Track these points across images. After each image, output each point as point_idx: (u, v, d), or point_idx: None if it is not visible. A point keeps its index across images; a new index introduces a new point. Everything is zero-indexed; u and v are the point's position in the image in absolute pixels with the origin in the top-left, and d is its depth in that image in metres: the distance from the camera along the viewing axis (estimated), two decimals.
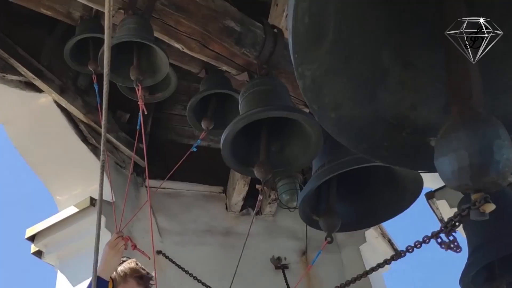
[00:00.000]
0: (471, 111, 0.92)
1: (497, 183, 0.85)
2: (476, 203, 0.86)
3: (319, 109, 1.12)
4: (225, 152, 1.97)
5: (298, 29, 0.93)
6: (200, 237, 4.60)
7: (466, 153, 0.85)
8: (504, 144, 0.85)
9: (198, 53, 2.35)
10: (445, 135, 0.92)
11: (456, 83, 0.99)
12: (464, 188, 0.87)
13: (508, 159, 0.84)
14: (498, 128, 0.87)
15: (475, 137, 0.85)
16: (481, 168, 0.84)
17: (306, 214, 2.01)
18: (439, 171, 0.92)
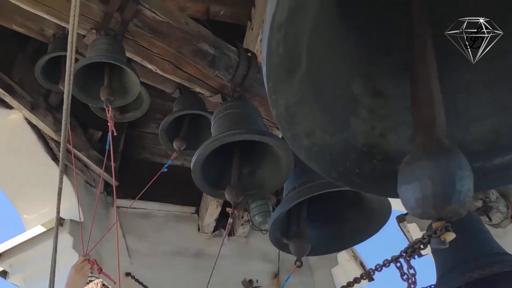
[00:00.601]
0: (435, 141, 0.94)
1: (458, 212, 0.87)
2: (437, 231, 0.87)
3: (292, 137, 1.13)
4: (195, 174, 1.96)
5: (272, 59, 0.94)
6: (171, 258, 4.53)
7: (429, 182, 0.87)
8: (465, 175, 0.87)
9: (171, 75, 2.35)
10: (408, 163, 0.94)
11: (420, 113, 1.01)
12: (426, 216, 0.89)
13: (469, 190, 0.87)
14: (460, 159, 0.89)
15: (438, 167, 0.87)
16: (444, 198, 0.86)
17: (276, 237, 2.01)
18: (402, 198, 0.94)
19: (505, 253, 2.30)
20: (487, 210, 3.45)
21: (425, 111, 1.02)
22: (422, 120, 1.02)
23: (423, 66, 1.09)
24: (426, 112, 1.02)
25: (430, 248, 2.66)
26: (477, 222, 2.52)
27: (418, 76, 1.08)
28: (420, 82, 1.07)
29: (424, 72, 1.08)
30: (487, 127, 1.23)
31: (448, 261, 2.34)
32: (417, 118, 1.04)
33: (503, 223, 3.60)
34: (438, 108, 1.02)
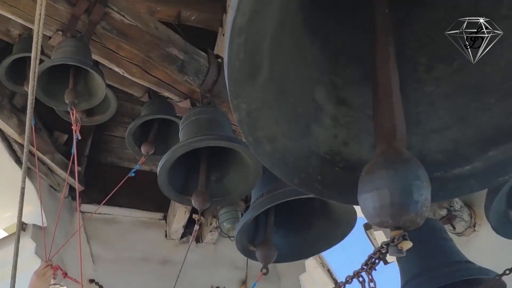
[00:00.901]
0: (394, 151, 0.95)
1: (416, 222, 0.88)
2: (395, 240, 0.88)
3: (254, 142, 1.12)
4: (161, 179, 1.94)
5: (233, 63, 0.94)
6: (136, 265, 4.47)
7: (387, 191, 0.88)
8: (423, 185, 0.89)
9: (139, 79, 2.33)
10: (368, 172, 0.95)
11: (381, 123, 1.03)
12: (384, 225, 0.90)
13: (426, 199, 0.89)
14: (418, 169, 0.90)
15: (396, 177, 0.88)
16: (401, 207, 0.87)
17: (243, 244, 2.00)
18: (362, 207, 0.95)
19: (468, 261, 2.35)
20: (451, 218, 3.52)
21: (386, 122, 1.03)
22: (383, 130, 1.03)
23: (385, 77, 1.11)
24: (386, 122, 1.03)
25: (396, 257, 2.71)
26: (441, 230, 2.56)
27: (380, 87, 1.10)
28: (381, 93, 1.08)
29: (386, 83, 1.09)
30: (447, 138, 1.26)
31: (412, 269, 2.37)
32: (378, 128, 1.05)
33: (467, 231, 3.67)
34: (398, 119, 1.04)
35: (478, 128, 1.23)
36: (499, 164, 1.21)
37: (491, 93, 1.23)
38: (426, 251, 2.37)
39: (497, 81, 1.23)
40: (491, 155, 1.21)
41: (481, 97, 1.25)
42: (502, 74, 1.23)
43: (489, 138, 1.21)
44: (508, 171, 1.21)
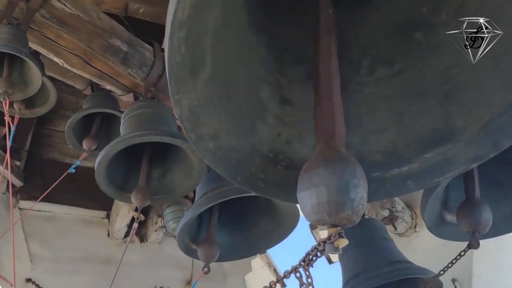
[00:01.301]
0: (333, 150, 0.97)
1: (352, 219, 0.89)
2: (331, 238, 0.89)
3: (196, 138, 1.10)
4: (99, 175, 1.87)
5: (174, 58, 0.91)
6: (77, 265, 4.32)
7: (324, 189, 0.88)
8: (359, 183, 0.90)
9: (80, 70, 2.24)
10: (307, 171, 0.95)
11: (321, 123, 1.04)
12: (322, 223, 0.90)
13: (362, 198, 0.89)
14: (355, 168, 0.92)
15: (334, 175, 0.89)
16: (338, 205, 0.87)
17: (185, 243, 1.97)
18: (300, 204, 0.95)
19: (407, 261, 2.42)
20: (393, 219, 3.63)
21: (326, 122, 1.05)
22: (323, 129, 1.04)
23: (327, 77, 1.12)
24: (326, 122, 1.04)
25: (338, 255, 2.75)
26: (382, 230, 2.63)
27: (321, 87, 1.11)
28: (322, 93, 1.09)
29: (327, 83, 1.10)
30: (386, 139, 1.28)
31: (353, 268, 2.41)
32: (318, 128, 1.06)
33: (408, 232, 3.81)
34: (338, 119, 1.05)
35: (416, 130, 1.26)
36: (436, 165, 1.24)
37: (430, 96, 1.27)
38: (367, 250, 2.42)
39: (435, 85, 1.27)
40: (427, 156, 1.24)
41: (419, 100, 1.28)
42: (441, 78, 1.26)
43: (426, 140, 1.25)
44: (444, 173, 1.25)
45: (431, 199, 1.73)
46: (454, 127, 1.22)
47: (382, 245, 2.45)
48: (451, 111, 1.23)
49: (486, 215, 1.69)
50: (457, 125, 1.22)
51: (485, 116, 1.18)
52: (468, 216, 1.70)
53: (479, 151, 1.21)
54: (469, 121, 1.20)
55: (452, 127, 1.22)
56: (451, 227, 1.96)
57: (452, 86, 1.24)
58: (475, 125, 1.19)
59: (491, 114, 1.17)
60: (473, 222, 1.68)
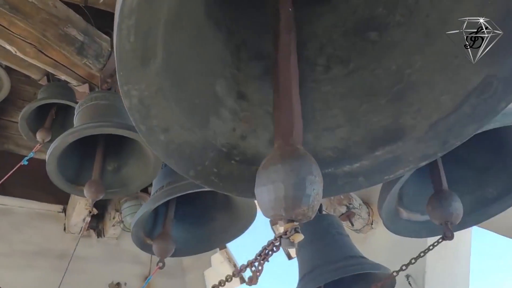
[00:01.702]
0: (290, 147, 0.98)
1: (307, 215, 0.90)
2: (287, 233, 0.90)
3: (147, 131, 1.08)
4: (50, 167, 1.81)
5: (123, 47, 0.89)
6: (31, 259, 4.19)
7: (281, 185, 0.90)
8: (315, 180, 0.92)
9: (34, 59, 2.16)
10: (265, 166, 0.96)
11: (280, 120, 1.05)
12: (278, 218, 0.92)
13: (317, 194, 0.91)
14: (311, 165, 0.93)
15: (291, 172, 0.91)
16: (294, 200, 0.89)
17: (140, 238, 1.94)
18: (258, 199, 0.96)
19: (362, 256, 2.46)
20: (350, 215, 3.69)
21: (285, 119, 1.06)
22: (282, 126, 1.06)
23: (286, 75, 1.13)
24: (285, 119, 1.06)
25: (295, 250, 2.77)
26: (338, 226, 2.67)
27: (280, 85, 1.11)
28: (282, 90, 1.10)
29: (287, 81, 1.11)
30: (339, 136, 1.31)
31: (309, 263, 2.44)
32: (277, 125, 1.08)
33: (364, 228, 3.88)
34: (296, 117, 1.07)
35: (368, 128, 1.29)
36: (385, 163, 1.27)
37: (382, 95, 1.30)
38: (323, 246, 2.46)
39: (387, 85, 1.30)
40: (378, 154, 1.27)
41: (372, 99, 1.31)
42: (393, 78, 1.29)
43: (377, 138, 1.28)
44: (393, 171, 1.28)
45: (389, 196, 1.75)
46: (404, 126, 1.25)
47: (338, 240, 2.49)
48: (401, 111, 1.26)
49: (457, 205, 1.72)
50: (407, 124, 1.25)
51: (433, 116, 1.22)
52: (438, 208, 1.71)
53: (427, 150, 1.24)
54: (418, 120, 1.24)
55: (402, 126, 1.25)
56: (407, 224, 2.01)
57: (403, 86, 1.27)
58: (424, 124, 1.23)
59: (439, 114, 1.21)
60: (445, 213, 1.70)
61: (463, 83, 1.15)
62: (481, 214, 1.95)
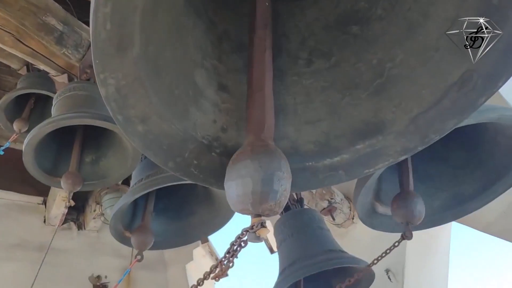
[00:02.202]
0: (261, 142, 0.99)
1: (274, 210, 0.91)
2: (254, 227, 0.91)
3: (124, 121, 1.06)
4: (27, 158, 1.78)
5: (98, 34, 0.87)
6: (9, 251, 4.15)
7: (250, 180, 0.90)
8: (283, 176, 0.92)
9: (12, 48, 2.12)
10: (235, 161, 0.97)
11: (252, 115, 1.05)
12: (245, 212, 0.92)
13: (285, 190, 0.92)
14: (280, 161, 0.94)
15: (260, 167, 0.91)
16: (261, 196, 0.90)
17: (118, 230, 1.92)
18: (227, 193, 0.97)
19: (342, 250, 2.48)
20: (332, 210, 3.71)
21: (256, 114, 1.06)
22: (253, 122, 1.06)
23: (260, 70, 1.12)
24: (257, 115, 1.06)
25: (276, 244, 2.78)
26: (319, 220, 2.68)
27: (253, 80, 1.11)
28: (255, 85, 1.10)
29: (260, 76, 1.11)
30: (320, 129, 1.30)
31: (289, 257, 2.45)
32: (249, 120, 1.08)
33: (346, 223, 3.91)
34: (268, 112, 1.07)
35: (348, 122, 1.29)
36: (366, 157, 1.28)
37: (362, 89, 1.30)
38: (303, 239, 2.47)
39: (368, 79, 1.30)
40: (358, 148, 1.27)
41: (353, 93, 1.31)
42: (374, 72, 1.29)
43: (357, 132, 1.28)
44: (373, 164, 1.29)
45: (364, 190, 1.77)
46: (384, 120, 1.25)
47: (318, 234, 2.50)
48: (382, 104, 1.26)
49: (419, 207, 1.75)
50: (387, 118, 1.25)
51: (414, 110, 1.22)
52: (402, 208, 1.74)
53: (407, 144, 1.24)
54: (399, 114, 1.24)
55: (382, 120, 1.26)
56: (383, 219, 2.02)
57: (384, 80, 1.27)
58: (404, 118, 1.23)
59: (419, 108, 1.21)
60: (407, 214, 1.73)
61: (443, 77, 1.15)
62: (458, 210, 1.97)
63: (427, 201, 2.03)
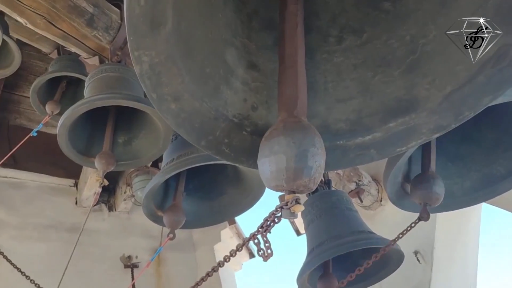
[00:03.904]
0: (294, 119, 0.98)
1: (308, 186, 0.91)
2: (288, 204, 0.90)
3: (158, 99, 1.08)
4: (61, 139, 1.82)
5: (133, 11, 0.89)
6: (43, 232, 4.28)
7: (283, 156, 0.90)
8: (318, 152, 0.92)
9: (44, 30, 2.15)
10: (268, 138, 0.97)
11: (284, 92, 1.05)
12: (280, 189, 0.92)
13: (319, 166, 0.92)
14: (314, 137, 0.94)
15: (293, 144, 0.91)
16: (295, 172, 0.89)
17: (150, 210, 1.96)
18: (260, 170, 0.97)
19: (370, 231, 2.47)
20: (359, 192, 3.69)
21: (289, 91, 1.05)
22: (285, 98, 1.06)
23: (292, 46, 1.12)
24: (289, 91, 1.05)
25: (304, 225, 2.78)
26: (347, 201, 2.67)
27: (286, 56, 1.11)
28: (287, 62, 1.10)
29: (292, 52, 1.11)
30: (351, 107, 1.29)
31: (317, 237, 2.46)
32: (281, 96, 1.07)
33: (373, 205, 3.88)
34: (301, 88, 1.06)
35: (381, 100, 1.27)
36: (398, 135, 1.26)
37: (395, 66, 1.27)
38: (332, 220, 2.47)
39: (401, 55, 1.27)
40: (390, 126, 1.26)
41: (385, 70, 1.28)
42: (406, 49, 1.27)
43: (390, 110, 1.26)
44: (406, 142, 1.27)
45: (394, 170, 1.75)
46: (418, 97, 1.23)
47: (346, 215, 2.50)
48: (415, 82, 1.24)
49: (438, 189, 1.73)
50: (420, 95, 1.23)
51: (447, 87, 1.19)
52: (420, 189, 1.74)
53: (441, 121, 1.22)
54: (432, 91, 1.21)
55: (416, 97, 1.23)
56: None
57: (417, 57, 1.24)
58: (438, 95, 1.21)
59: (454, 85, 1.18)
60: (424, 195, 1.72)
61: None
62: (489, 191, 1.94)
63: (458, 182, 2.01)
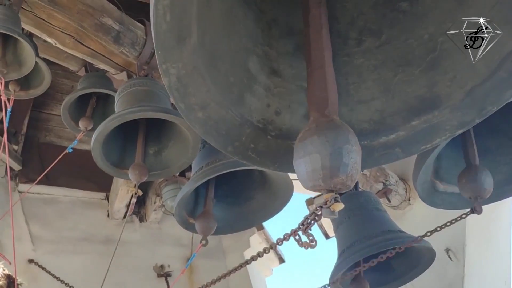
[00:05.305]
0: (326, 118, 1.00)
1: (346, 184, 0.91)
2: (327, 202, 0.91)
3: (186, 108, 1.12)
4: (96, 152, 1.89)
5: (160, 26, 0.93)
6: (77, 245, 4.39)
7: (318, 156, 0.91)
8: (352, 149, 0.92)
9: (73, 49, 2.25)
10: (302, 139, 0.98)
11: (314, 93, 1.06)
12: (317, 189, 0.93)
13: (355, 163, 0.92)
14: (348, 134, 0.94)
15: (327, 142, 0.92)
16: (331, 170, 0.90)
17: (182, 217, 2.00)
18: (297, 172, 0.98)
19: (400, 231, 2.47)
20: (387, 192, 3.67)
21: (319, 91, 1.07)
22: (316, 99, 1.07)
23: (319, 48, 1.14)
24: (319, 92, 1.07)
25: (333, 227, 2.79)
26: (375, 202, 2.68)
27: (313, 58, 1.13)
28: (315, 63, 1.12)
29: (319, 53, 1.13)
30: (374, 108, 1.31)
31: (348, 239, 2.47)
32: (311, 97, 1.09)
33: (402, 205, 3.86)
34: (331, 88, 1.08)
35: (403, 99, 1.29)
36: (422, 133, 1.27)
37: (415, 65, 1.29)
38: (361, 221, 2.48)
39: (421, 54, 1.29)
40: (414, 124, 1.27)
41: (405, 69, 1.30)
42: (426, 47, 1.28)
43: (412, 109, 1.27)
44: (430, 140, 1.28)
45: (423, 168, 1.76)
46: (439, 94, 1.25)
47: (375, 215, 2.51)
48: (436, 79, 1.25)
49: (488, 180, 1.73)
50: (442, 92, 1.24)
51: (469, 83, 1.20)
52: (471, 182, 1.73)
53: (464, 117, 1.23)
54: (454, 88, 1.23)
55: (438, 94, 1.25)
56: (444, 196, 2.00)
57: (437, 55, 1.26)
58: (460, 92, 1.22)
59: (475, 81, 1.19)
60: (476, 188, 1.72)
61: (498, 48, 1.13)
62: None
63: None
